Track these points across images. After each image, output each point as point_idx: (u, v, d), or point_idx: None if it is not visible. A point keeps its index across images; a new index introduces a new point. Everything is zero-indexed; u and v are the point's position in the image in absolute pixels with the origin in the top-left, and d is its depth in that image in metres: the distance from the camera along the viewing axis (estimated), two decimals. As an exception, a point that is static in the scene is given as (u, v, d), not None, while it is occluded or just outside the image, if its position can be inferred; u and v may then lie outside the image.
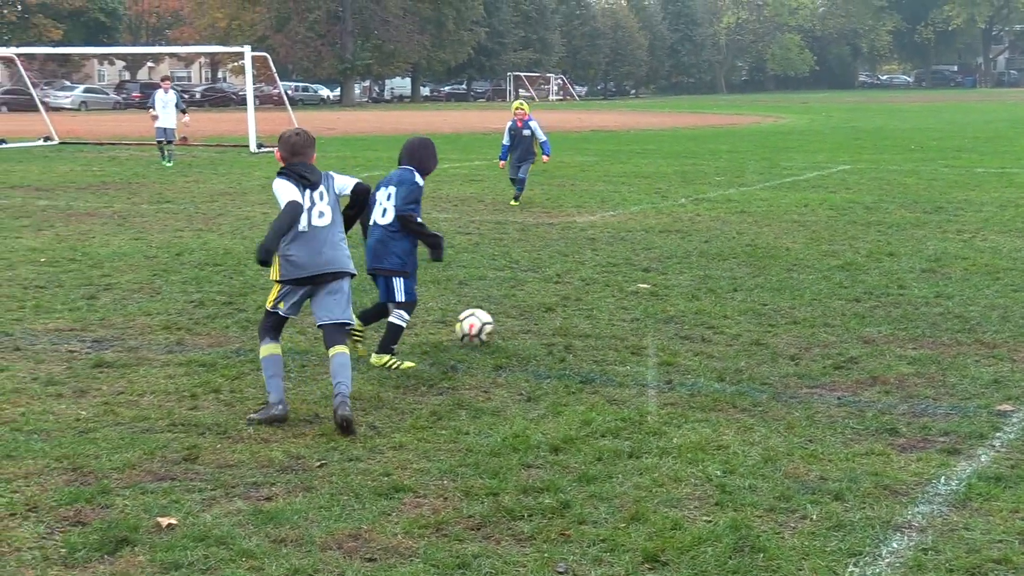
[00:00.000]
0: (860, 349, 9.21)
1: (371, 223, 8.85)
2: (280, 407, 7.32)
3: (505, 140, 19.85)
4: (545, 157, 19.91)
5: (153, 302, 11.35)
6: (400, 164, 9.08)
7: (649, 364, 8.74)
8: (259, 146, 34.66)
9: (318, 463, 6.56)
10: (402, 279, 8.80)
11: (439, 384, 8.25)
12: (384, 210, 8.79)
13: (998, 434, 7.07)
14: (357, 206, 7.91)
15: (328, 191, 7.57)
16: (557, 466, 6.48)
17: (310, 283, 7.50)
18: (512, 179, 19.99)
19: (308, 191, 7.49)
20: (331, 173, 7.73)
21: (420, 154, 9.07)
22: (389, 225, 8.75)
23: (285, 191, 7.47)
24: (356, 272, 7.76)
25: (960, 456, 6.67)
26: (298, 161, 7.58)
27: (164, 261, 13.87)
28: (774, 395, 7.93)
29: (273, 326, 7.65)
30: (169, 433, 7.13)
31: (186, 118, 31.31)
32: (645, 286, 11.99)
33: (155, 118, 30.22)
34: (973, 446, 6.85)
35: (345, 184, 7.69)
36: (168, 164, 29.45)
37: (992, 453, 6.72)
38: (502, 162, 19.95)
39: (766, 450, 6.76)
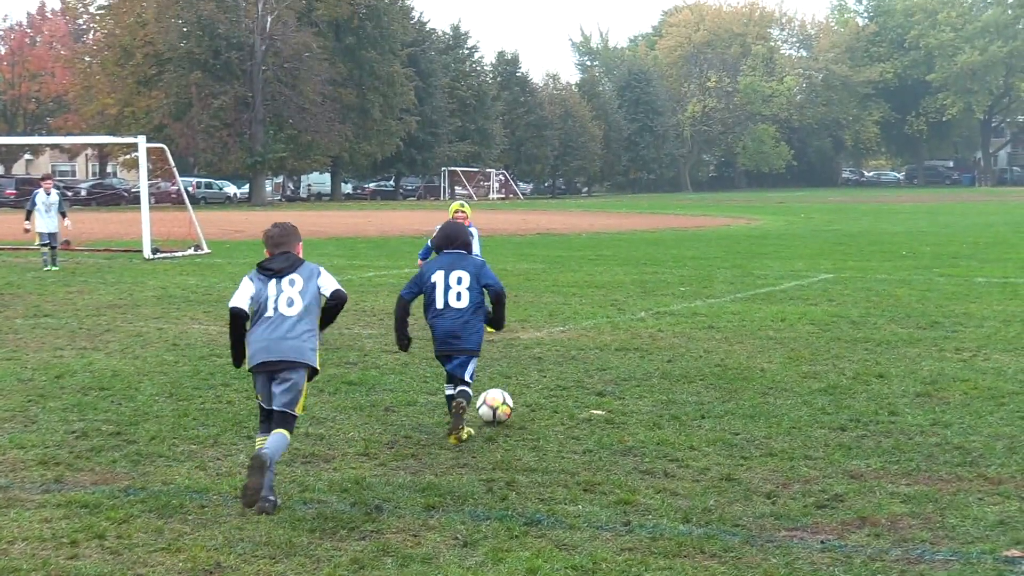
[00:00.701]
0: (846, 485, 9.27)
1: (440, 307, 10.82)
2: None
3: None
4: None
5: (28, 433, 11.24)
6: (442, 250, 11.14)
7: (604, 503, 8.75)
8: (154, 251, 34.54)
9: (219, 621, 6.50)
10: (475, 359, 11.06)
11: (361, 527, 8.21)
12: (459, 294, 10.81)
13: (1004, 583, 7.11)
14: (330, 311, 9.06)
15: (305, 281, 8.89)
16: (498, 623, 6.46)
17: (270, 368, 8.73)
18: None
19: (274, 280, 8.85)
20: (319, 269, 9.05)
21: (462, 235, 11.20)
22: (467, 308, 10.80)
23: (238, 292, 8.90)
24: (318, 368, 8.98)
25: (961, 608, 6.71)
26: (279, 252, 9.02)
27: (41, 385, 13.75)
28: (748, 539, 7.95)
29: (264, 419, 8.90)
30: (44, 586, 7.04)
31: (67, 222, 31.73)
32: (599, 413, 12.02)
33: (27, 231, 31.48)
34: (976, 597, 6.88)
35: (327, 286, 8.98)
36: (55, 268, 30.43)
37: (998, 605, 6.77)
38: (420, 261, 19.40)
39: (739, 602, 6.76)
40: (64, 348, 16.69)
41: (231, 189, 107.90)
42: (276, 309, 8.75)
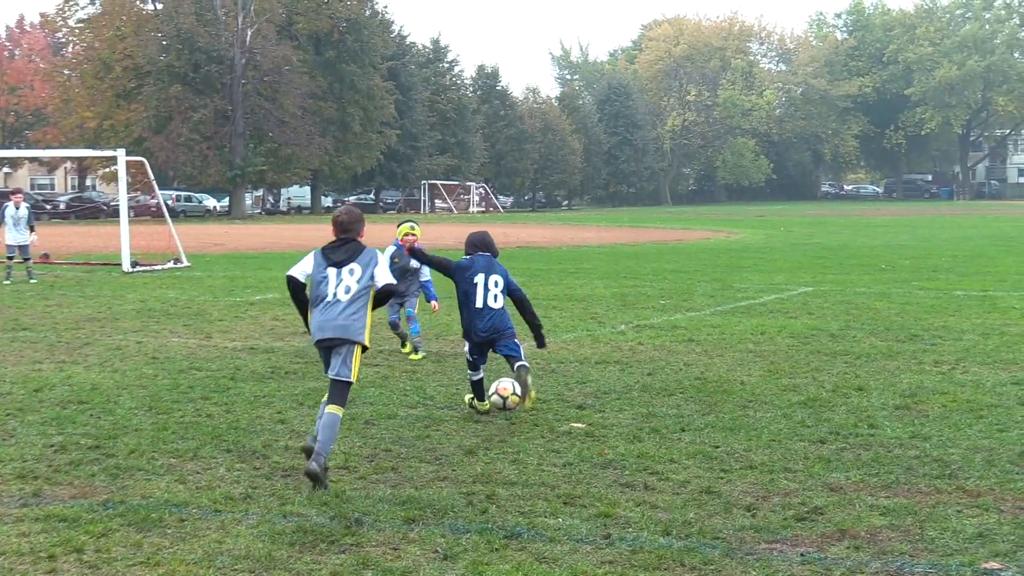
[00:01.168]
0: (826, 498, 9.28)
1: (479, 307, 12.53)
2: (311, 438, 9.98)
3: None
4: (435, 304, 17.41)
5: (6, 446, 11.19)
6: (475, 252, 12.84)
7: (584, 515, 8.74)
8: (134, 264, 34.43)
9: (198, 635, 6.47)
10: (516, 338, 12.70)
11: (341, 540, 8.18)
12: (496, 296, 12.59)
13: (983, 595, 7.11)
14: (380, 299, 10.17)
15: (363, 269, 10.01)
16: (478, 636, 6.44)
17: (327, 344, 9.95)
18: (391, 323, 17.22)
19: (335, 268, 10.03)
20: (376, 257, 10.13)
21: (491, 242, 13.05)
22: (502, 308, 12.64)
23: (302, 261, 10.21)
24: (367, 345, 10.04)
25: (941, 621, 6.71)
26: (347, 237, 10.17)
27: (19, 398, 13.70)
28: (728, 551, 7.95)
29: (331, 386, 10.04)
30: (22, 601, 7.00)
31: (33, 236, 31.75)
32: (579, 425, 12.02)
33: None
34: (955, 609, 6.88)
35: (380, 279, 10.03)
36: (32, 280, 30.71)
37: (977, 617, 6.77)
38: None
39: (719, 615, 6.76)
40: (43, 361, 16.64)
41: (211, 202, 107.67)
42: (335, 296, 9.95)
